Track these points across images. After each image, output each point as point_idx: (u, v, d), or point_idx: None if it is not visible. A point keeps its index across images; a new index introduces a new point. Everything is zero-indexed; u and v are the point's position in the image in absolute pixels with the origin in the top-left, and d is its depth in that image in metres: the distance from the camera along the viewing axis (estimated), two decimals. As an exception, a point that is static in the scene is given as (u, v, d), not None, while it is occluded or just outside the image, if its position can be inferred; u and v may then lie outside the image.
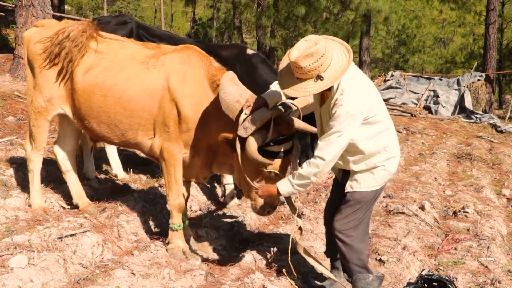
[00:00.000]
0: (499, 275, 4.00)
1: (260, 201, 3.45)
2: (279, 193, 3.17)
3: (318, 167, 2.96)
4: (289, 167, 3.44)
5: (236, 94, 3.27)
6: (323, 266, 3.44)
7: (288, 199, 3.52)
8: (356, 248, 3.18)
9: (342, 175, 3.33)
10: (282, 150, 3.27)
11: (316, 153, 2.97)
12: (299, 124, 3.38)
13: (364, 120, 2.94)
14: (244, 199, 5.50)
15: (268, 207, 3.46)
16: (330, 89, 2.95)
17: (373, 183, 3.12)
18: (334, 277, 3.39)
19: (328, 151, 2.92)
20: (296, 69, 2.85)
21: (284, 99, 3.34)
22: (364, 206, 3.15)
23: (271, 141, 3.21)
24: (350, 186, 3.16)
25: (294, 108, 3.35)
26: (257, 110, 3.21)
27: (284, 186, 3.11)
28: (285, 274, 3.57)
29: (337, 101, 2.89)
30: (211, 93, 3.67)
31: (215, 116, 3.58)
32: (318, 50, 2.77)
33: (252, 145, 3.12)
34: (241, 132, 3.16)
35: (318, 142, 3.04)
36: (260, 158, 3.15)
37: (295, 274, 3.53)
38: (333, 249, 3.47)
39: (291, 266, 3.48)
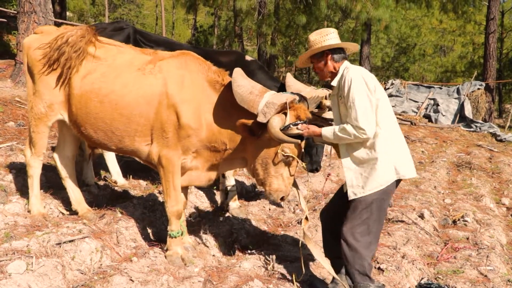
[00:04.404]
0: (498, 285, 3.99)
1: (275, 187, 3.58)
2: (320, 136, 3.36)
3: (352, 130, 3.14)
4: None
5: (249, 86, 3.47)
6: (327, 263, 3.49)
7: (298, 192, 3.72)
8: (360, 254, 3.24)
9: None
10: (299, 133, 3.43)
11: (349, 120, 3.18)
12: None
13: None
14: (244, 205, 5.50)
15: (282, 193, 3.58)
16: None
17: (370, 186, 3.19)
18: (337, 276, 3.42)
19: (354, 116, 3.10)
20: (308, 44, 3.42)
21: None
22: (367, 208, 3.22)
23: (290, 124, 3.35)
24: (353, 193, 3.26)
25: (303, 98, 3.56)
26: (274, 95, 3.41)
27: (328, 131, 3.30)
28: (294, 278, 3.61)
29: (342, 78, 3.25)
30: (215, 96, 3.68)
31: (224, 115, 3.63)
32: (325, 29, 3.37)
33: (275, 125, 3.31)
34: (260, 118, 3.35)
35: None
36: (285, 136, 3.33)
37: (303, 270, 3.59)
38: (331, 250, 3.53)
39: (301, 259, 3.58)
